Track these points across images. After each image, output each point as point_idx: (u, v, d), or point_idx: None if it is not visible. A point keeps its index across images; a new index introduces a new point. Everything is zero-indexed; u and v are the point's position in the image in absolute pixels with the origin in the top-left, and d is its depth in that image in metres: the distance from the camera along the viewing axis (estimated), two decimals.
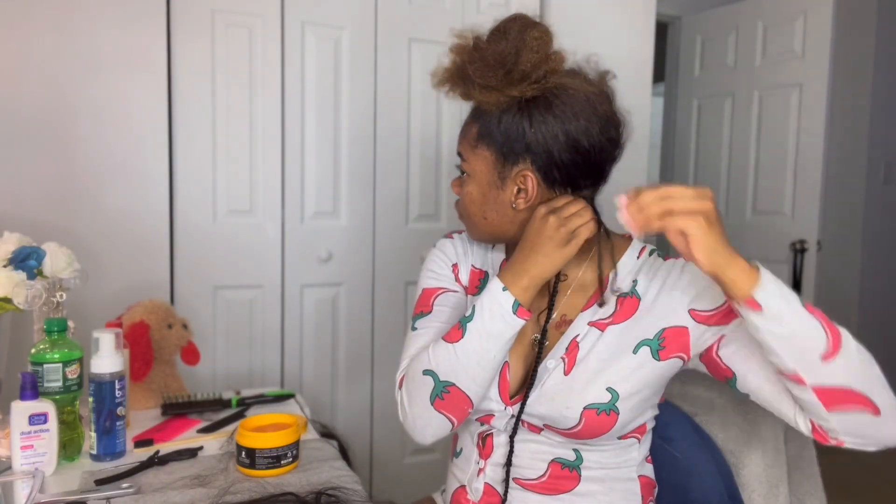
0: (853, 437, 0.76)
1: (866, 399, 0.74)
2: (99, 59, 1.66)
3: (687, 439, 1.03)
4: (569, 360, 0.88)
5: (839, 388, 0.74)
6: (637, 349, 0.86)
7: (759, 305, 0.72)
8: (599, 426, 0.85)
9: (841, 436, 0.77)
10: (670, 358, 0.87)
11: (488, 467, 0.95)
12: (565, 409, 0.86)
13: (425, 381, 0.88)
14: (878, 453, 0.80)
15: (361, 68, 1.95)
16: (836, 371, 0.73)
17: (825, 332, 0.73)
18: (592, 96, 0.86)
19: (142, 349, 1.23)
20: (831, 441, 0.78)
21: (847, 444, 0.77)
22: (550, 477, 0.91)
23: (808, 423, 0.79)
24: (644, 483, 0.95)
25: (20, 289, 1.07)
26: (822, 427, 0.77)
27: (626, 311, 0.89)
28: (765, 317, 0.72)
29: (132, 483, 0.93)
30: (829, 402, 0.74)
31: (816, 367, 0.73)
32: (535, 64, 0.83)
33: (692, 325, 0.86)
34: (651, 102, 2.38)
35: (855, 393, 0.74)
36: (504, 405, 0.91)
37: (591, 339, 0.89)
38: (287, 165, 1.89)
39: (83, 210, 1.67)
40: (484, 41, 0.86)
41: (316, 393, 1.97)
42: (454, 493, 0.99)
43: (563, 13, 2.18)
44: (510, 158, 0.87)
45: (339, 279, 1.98)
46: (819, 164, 2.75)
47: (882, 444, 0.77)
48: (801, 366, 0.74)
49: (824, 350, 0.73)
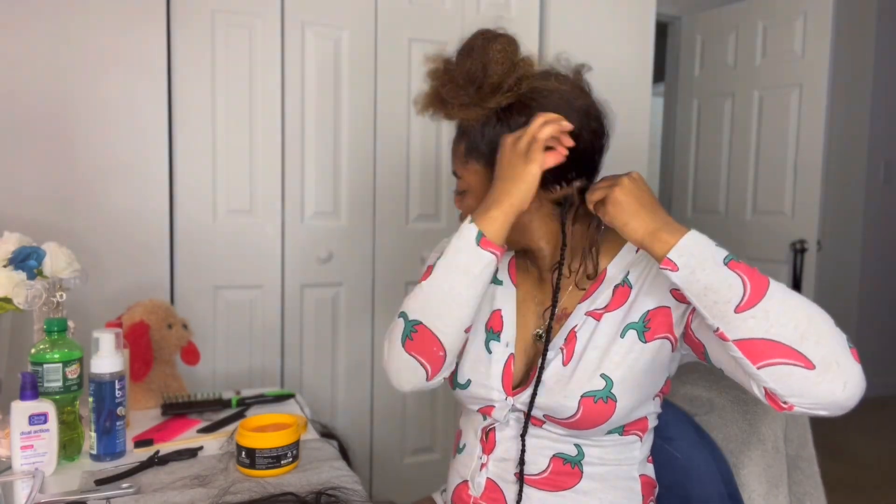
0: (795, 398, 0.72)
1: (793, 352, 0.71)
2: (99, 59, 1.66)
3: (687, 439, 1.03)
4: (567, 351, 0.89)
5: (759, 341, 0.72)
6: (624, 333, 0.88)
7: (674, 264, 0.76)
8: (598, 415, 0.86)
9: (784, 396, 0.73)
10: (656, 339, 0.87)
11: (491, 462, 0.95)
12: (564, 398, 0.87)
13: (398, 322, 0.89)
14: (876, 454, 0.79)
15: (361, 68, 1.95)
16: (752, 324, 0.73)
17: (744, 284, 0.74)
18: (566, 93, 0.88)
19: (142, 349, 1.23)
20: (782, 405, 0.74)
21: (796, 407, 0.73)
22: (552, 472, 0.91)
23: (762, 388, 0.75)
24: (645, 482, 0.96)
25: (20, 289, 1.07)
26: (766, 389, 0.74)
27: (619, 299, 0.90)
28: (680, 275, 0.76)
29: (132, 483, 0.93)
30: (753, 357, 0.73)
31: (732, 319, 0.73)
32: (502, 74, 0.86)
33: (673, 304, 0.87)
34: (651, 102, 2.38)
35: (777, 345, 0.72)
36: (505, 396, 0.92)
37: (587, 329, 0.90)
38: (287, 165, 1.89)
39: (83, 210, 1.67)
40: (452, 62, 0.88)
41: (316, 393, 1.97)
42: (456, 489, 1.00)
43: (563, 13, 2.19)
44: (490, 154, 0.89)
45: (339, 279, 1.98)
46: (819, 164, 2.75)
47: (824, 402, 0.71)
48: (719, 321, 0.74)
49: (739, 301, 0.73)
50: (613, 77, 2.25)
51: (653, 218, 0.80)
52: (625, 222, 0.80)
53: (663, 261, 0.77)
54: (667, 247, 0.77)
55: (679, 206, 3.37)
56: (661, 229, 0.78)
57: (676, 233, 0.78)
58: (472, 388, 0.94)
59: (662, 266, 0.77)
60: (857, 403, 0.74)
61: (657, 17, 2.46)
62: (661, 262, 0.78)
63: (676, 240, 0.77)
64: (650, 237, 0.79)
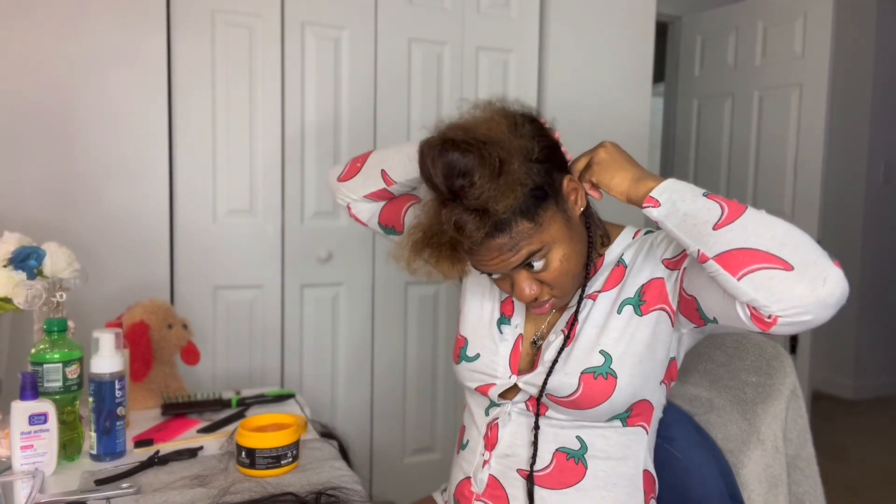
0: (777, 304, 0.71)
1: (771, 256, 0.72)
2: (99, 59, 1.66)
3: (687, 439, 1.03)
4: (570, 336, 0.92)
5: (737, 250, 0.74)
6: (621, 309, 0.90)
7: (655, 200, 0.81)
8: (599, 392, 0.87)
9: (766, 307, 0.72)
10: (652, 311, 0.89)
11: (493, 459, 0.96)
12: (564, 375, 0.89)
13: None
14: (876, 454, 0.79)
15: (361, 68, 1.95)
16: (730, 237, 0.75)
17: (721, 207, 0.77)
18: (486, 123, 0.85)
19: (142, 349, 1.23)
20: (767, 321, 0.73)
21: (780, 316, 0.72)
22: (556, 469, 0.91)
23: (747, 310, 0.75)
24: (647, 479, 0.96)
25: (20, 289, 1.07)
26: (749, 304, 0.74)
27: (615, 278, 0.93)
28: (662, 210, 0.80)
29: (132, 483, 0.93)
30: (732, 268, 0.73)
31: (710, 237, 0.76)
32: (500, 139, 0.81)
33: (666, 274, 0.90)
34: (651, 102, 2.38)
35: (755, 252, 0.73)
36: (510, 374, 0.95)
37: (586, 309, 0.93)
38: (287, 165, 1.89)
39: (83, 210, 1.67)
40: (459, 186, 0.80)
41: (316, 393, 1.97)
42: (458, 485, 1.00)
43: (563, 14, 2.19)
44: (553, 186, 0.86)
45: (339, 279, 1.98)
46: (819, 164, 2.75)
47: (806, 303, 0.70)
48: (699, 241, 0.77)
49: (717, 220, 0.76)
50: (613, 77, 2.26)
51: (635, 169, 0.86)
52: (611, 176, 0.86)
53: (646, 199, 0.82)
54: (649, 188, 0.82)
55: None
56: (644, 177, 0.84)
57: (658, 179, 0.83)
58: (480, 362, 0.97)
59: (645, 204, 0.82)
60: (859, 401, 0.74)
61: (657, 17, 2.46)
62: (643, 203, 0.82)
63: (658, 183, 0.82)
64: (634, 184, 0.84)
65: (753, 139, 3.01)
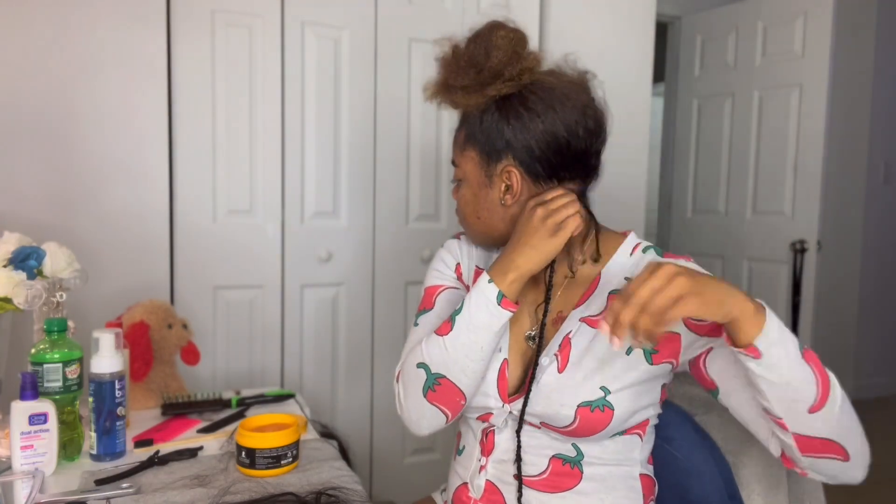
0: (817, 474, 0.81)
1: (840, 448, 0.77)
2: (99, 59, 1.66)
3: (687, 439, 1.03)
4: (562, 358, 0.89)
5: (818, 439, 0.76)
6: (630, 350, 0.88)
7: (759, 353, 0.72)
8: (595, 423, 0.86)
9: (806, 469, 0.80)
10: (662, 363, 0.88)
11: (490, 464, 0.95)
12: (560, 406, 0.86)
13: (419, 373, 0.90)
14: (876, 454, 0.81)
15: (361, 68, 1.95)
16: (818, 424, 0.76)
17: (817, 383, 0.74)
18: (567, 89, 0.89)
19: (142, 349, 1.24)
20: (797, 470, 0.82)
21: (810, 475, 0.81)
22: (552, 473, 0.91)
23: (780, 451, 0.82)
24: (645, 482, 0.95)
25: (20, 289, 1.07)
26: (791, 458, 0.81)
27: None
28: (763, 364, 0.72)
29: (132, 483, 0.93)
30: (805, 449, 0.78)
31: (802, 418, 0.75)
32: (504, 61, 0.87)
33: (684, 332, 0.86)
34: (651, 102, 2.38)
35: (832, 443, 0.76)
36: (502, 403, 0.92)
37: (583, 336, 0.89)
38: (287, 165, 1.89)
39: (83, 210, 1.67)
40: (460, 47, 0.91)
41: (316, 393, 1.97)
42: (456, 491, 1.00)
43: (563, 14, 2.19)
44: (493, 157, 0.91)
45: (339, 279, 1.98)
46: (819, 164, 2.75)
47: (842, 481, 0.80)
48: (787, 415, 0.76)
49: (812, 403, 0.74)
50: (613, 77, 2.25)
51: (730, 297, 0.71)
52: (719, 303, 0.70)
53: (748, 348, 0.71)
54: (751, 330, 0.71)
55: (679, 206, 3.37)
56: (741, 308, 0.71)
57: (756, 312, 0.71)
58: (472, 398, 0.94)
59: (746, 353, 0.72)
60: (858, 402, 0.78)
61: (657, 17, 2.47)
62: (743, 347, 0.72)
63: (760, 324, 0.71)
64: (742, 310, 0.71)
65: (753, 139, 3.01)
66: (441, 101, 0.94)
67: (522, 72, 0.88)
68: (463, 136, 0.95)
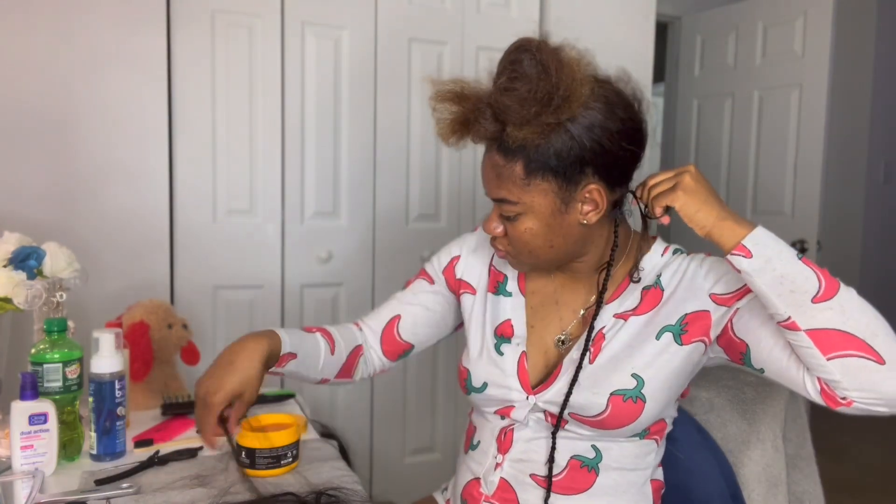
0: (859, 392, 0.73)
1: (866, 345, 0.72)
2: (99, 59, 1.66)
3: (688, 439, 1.03)
4: (594, 350, 0.90)
5: (834, 331, 0.73)
6: (660, 335, 0.88)
7: (748, 251, 0.76)
8: (627, 414, 0.86)
9: (847, 390, 0.73)
10: (693, 342, 0.88)
11: (506, 462, 0.95)
12: (593, 395, 0.87)
13: None
14: (876, 454, 0.80)
15: (361, 68, 1.95)
16: (828, 314, 0.73)
17: (818, 278, 0.75)
18: (614, 86, 0.88)
19: (142, 349, 1.23)
20: (840, 401, 0.74)
21: (856, 402, 0.73)
22: (568, 475, 0.91)
23: (817, 385, 0.76)
24: (655, 487, 0.96)
25: (20, 289, 1.07)
26: (828, 382, 0.75)
27: (650, 301, 0.90)
28: (754, 263, 0.76)
29: (132, 483, 0.93)
30: (825, 348, 0.73)
31: (808, 309, 0.74)
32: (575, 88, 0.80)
33: (713, 308, 0.87)
34: (651, 102, 2.38)
35: (852, 337, 0.73)
36: (526, 395, 0.92)
37: (615, 329, 0.90)
38: (287, 165, 1.89)
39: (83, 210, 1.67)
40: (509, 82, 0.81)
41: (316, 393, 1.97)
42: (466, 485, 0.99)
43: (562, 13, 2.18)
44: (573, 179, 0.85)
45: (339, 279, 1.98)
46: (819, 164, 2.75)
47: (889, 398, 0.72)
48: (793, 310, 0.75)
49: (816, 292, 0.74)
50: None
51: (721, 207, 0.80)
52: (697, 209, 0.80)
53: (737, 247, 0.77)
54: (737, 235, 0.77)
55: None
56: (729, 218, 0.79)
57: (745, 223, 0.78)
58: (490, 390, 0.94)
59: (735, 252, 0.77)
60: None
61: (657, 17, 2.46)
62: (731, 248, 0.77)
63: (746, 230, 0.77)
64: (720, 224, 0.79)
65: (753, 139, 3.01)
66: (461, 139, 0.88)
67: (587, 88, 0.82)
68: (523, 169, 0.84)
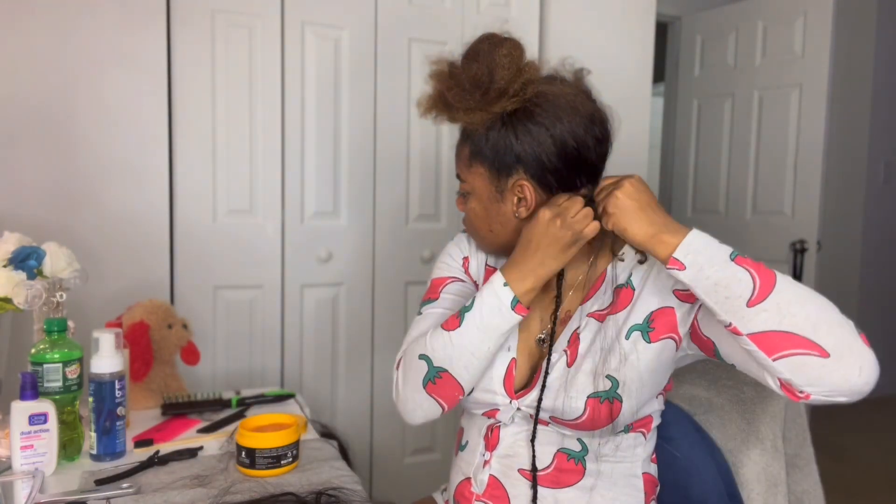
0: (811, 387, 0.73)
1: (808, 341, 0.72)
2: (99, 59, 1.66)
3: (687, 438, 1.03)
4: (570, 353, 0.90)
5: (773, 333, 0.73)
6: (629, 334, 0.89)
7: (680, 263, 0.77)
8: (605, 416, 0.87)
9: (801, 386, 0.73)
10: (661, 339, 0.88)
11: (494, 459, 0.95)
12: (569, 399, 0.87)
13: (420, 365, 0.90)
14: (876, 454, 0.80)
15: (361, 68, 1.95)
16: (763, 316, 0.73)
17: (753, 279, 0.75)
18: (571, 97, 0.89)
19: (142, 349, 1.24)
20: (799, 395, 0.75)
21: (812, 395, 0.74)
22: (555, 469, 0.91)
23: (776, 380, 0.76)
24: (648, 481, 0.96)
25: (20, 289, 1.07)
26: (781, 380, 0.75)
27: (623, 301, 0.91)
28: (688, 274, 0.77)
29: (132, 483, 0.93)
30: (769, 349, 0.74)
31: (745, 313, 0.74)
32: (509, 79, 0.86)
33: (677, 304, 0.88)
34: (651, 102, 2.38)
35: (792, 335, 0.72)
36: (510, 399, 0.93)
37: (590, 330, 0.91)
38: (287, 165, 1.89)
39: (83, 210, 1.67)
40: (458, 66, 0.89)
41: (316, 393, 1.97)
42: (458, 486, 1.00)
43: (563, 13, 2.19)
44: (503, 171, 0.90)
45: (339, 279, 1.98)
46: (819, 164, 2.75)
47: (841, 389, 0.72)
48: (731, 315, 0.75)
49: (750, 295, 0.74)
50: (613, 77, 2.25)
51: (652, 220, 0.81)
52: (624, 227, 0.82)
53: (669, 261, 0.78)
54: (670, 248, 0.78)
55: (679, 206, 3.37)
56: (661, 231, 0.80)
57: (678, 233, 0.79)
58: (476, 393, 0.95)
59: (669, 266, 0.78)
60: (859, 401, 0.74)
61: (657, 17, 2.47)
62: (666, 263, 0.79)
63: (679, 240, 0.78)
64: (652, 240, 0.80)
65: (753, 139, 3.01)
66: (437, 116, 0.93)
67: (525, 84, 0.88)
68: (468, 153, 0.93)
